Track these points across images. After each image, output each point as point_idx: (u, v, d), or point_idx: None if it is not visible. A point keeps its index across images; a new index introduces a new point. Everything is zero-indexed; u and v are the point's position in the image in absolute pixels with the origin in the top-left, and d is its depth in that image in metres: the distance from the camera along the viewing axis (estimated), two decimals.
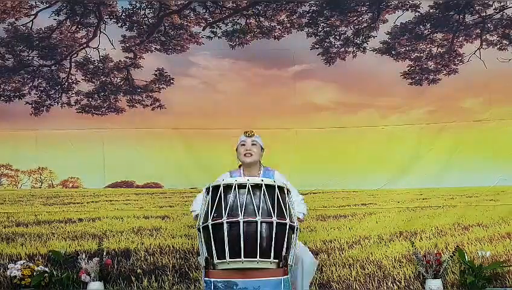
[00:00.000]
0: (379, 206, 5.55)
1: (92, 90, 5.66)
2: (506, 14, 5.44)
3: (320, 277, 5.32)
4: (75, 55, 5.61)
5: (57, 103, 5.66)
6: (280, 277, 3.67)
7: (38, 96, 5.65)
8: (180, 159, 5.60)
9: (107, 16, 5.52)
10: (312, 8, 5.48)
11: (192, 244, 5.41)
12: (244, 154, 4.24)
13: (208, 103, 5.54)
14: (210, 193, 3.85)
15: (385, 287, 5.30)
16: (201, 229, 3.85)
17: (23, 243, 5.47)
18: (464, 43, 5.52)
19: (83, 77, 5.64)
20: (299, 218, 3.92)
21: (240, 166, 4.39)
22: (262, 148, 4.40)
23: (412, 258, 5.30)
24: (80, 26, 5.55)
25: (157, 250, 5.46)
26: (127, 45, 5.59)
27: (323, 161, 5.61)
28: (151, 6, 5.51)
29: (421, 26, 5.51)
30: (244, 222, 3.65)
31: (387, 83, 5.60)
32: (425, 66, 5.58)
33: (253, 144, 4.29)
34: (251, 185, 3.75)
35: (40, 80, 5.64)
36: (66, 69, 5.64)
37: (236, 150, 4.38)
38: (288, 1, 5.46)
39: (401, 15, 5.48)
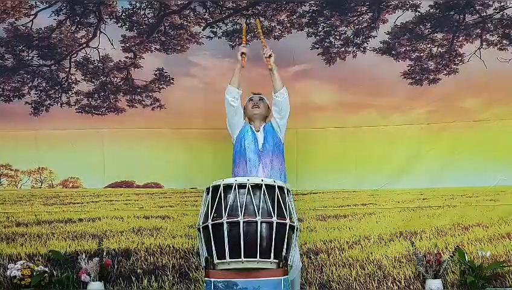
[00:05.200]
0: (379, 206, 5.56)
1: (92, 90, 5.66)
2: (506, 14, 5.43)
3: (320, 277, 5.33)
4: (75, 55, 5.61)
5: (57, 103, 5.66)
6: (280, 277, 3.68)
7: (38, 96, 5.65)
8: (180, 159, 5.60)
9: (107, 16, 5.52)
10: (312, 8, 5.48)
11: (192, 245, 5.41)
12: (252, 107, 4.57)
13: (208, 103, 5.53)
14: (210, 193, 3.86)
15: (385, 287, 5.30)
16: (201, 229, 3.86)
17: (23, 243, 5.47)
18: (464, 43, 5.52)
19: (83, 77, 5.64)
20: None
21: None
22: (268, 107, 4.66)
23: (412, 258, 5.31)
24: (80, 26, 5.55)
25: (157, 250, 5.46)
26: (127, 45, 5.58)
27: (323, 160, 5.61)
28: (151, 6, 5.50)
29: (421, 26, 5.51)
30: (244, 222, 3.66)
31: (387, 83, 5.61)
32: (425, 66, 5.58)
33: (260, 99, 4.61)
34: (251, 185, 3.76)
35: (39, 80, 5.64)
36: (66, 69, 5.64)
37: (245, 108, 4.61)
38: (288, 1, 5.45)
39: (401, 15, 5.48)
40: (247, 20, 5.46)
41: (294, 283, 4.32)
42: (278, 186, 3.83)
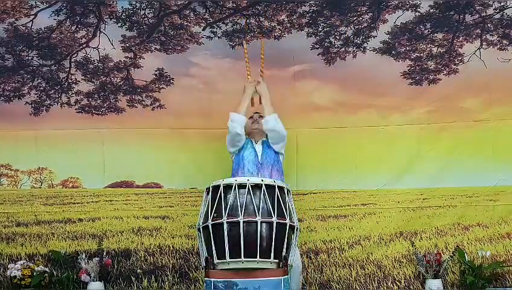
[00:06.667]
0: (379, 206, 5.56)
1: (92, 90, 5.66)
2: (506, 14, 5.43)
3: (320, 277, 5.33)
4: (75, 55, 5.61)
5: (57, 103, 5.66)
6: (280, 277, 3.68)
7: (38, 96, 5.65)
8: (180, 159, 5.60)
9: (107, 16, 5.51)
10: (312, 8, 5.47)
11: (192, 245, 5.41)
12: (252, 123, 4.66)
13: (208, 102, 5.53)
14: (210, 193, 3.87)
15: (385, 287, 5.30)
16: (201, 229, 3.86)
17: (23, 243, 5.47)
18: (464, 43, 5.52)
19: (83, 77, 5.64)
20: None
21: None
22: None
23: (412, 258, 5.31)
24: (80, 26, 5.54)
25: (157, 250, 5.46)
26: (127, 45, 5.58)
27: (323, 160, 5.61)
28: (151, 6, 5.50)
29: (421, 26, 5.51)
30: (244, 222, 3.67)
31: (387, 83, 5.60)
32: (425, 66, 5.57)
33: (259, 117, 4.70)
34: (251, 185, 3.76)
35: (39, 80, 5.64)
36: (66, 69, 5.63)
37: (245, 126, 4.65)
38: (288, 1, 5.45)
39: (401, 15, 5.47)
40: (248, 20, 5.47)
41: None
42: (278, 186, 3.84)
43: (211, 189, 3.88)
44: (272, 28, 5.51)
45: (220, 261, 3.70)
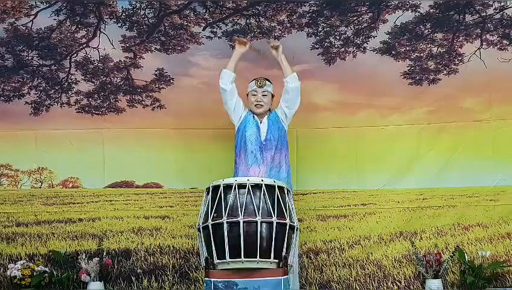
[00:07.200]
0: (379, 206, 5.56)
1: (92, 90, 5.66)
2: (506, 14, 5.43)
3: (320, 277, 5.33)
4: (75, 55, 5.61)
5: (57, 103, 5.66)
6: (280, 277, 3.69)
7: (37, 96, 5.65)
8: (180, 159, 5.60)
9: (107, 16, 5.51)
10: (312, 8, 5.47)
11: (192, 245, 5.41)
12: (255, 105, 4.52)
13: (208, 103, 5.53)
14: (210, 192, 3.87)
15: (385, 287, 5.30)
16: (201, 229, 3.87)
17: (23, 243, 5.47)
18: (464, 43, 5.52)
19: (83, 77, 5.64)
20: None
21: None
22: (272, 95, 4.63)
23: (412, 258, 5.31)
24: (80, 26, 5.54)
25: (157, 250, 5.46)
26: (127, 45, 5.58)
27: (323, 160, 5.61)
28: (151, 6, 5.50)
29: (421, 26, 5.51)
30: (244, 222, 3.67)
31: (387, 83, 5.60)
32: (425, 66, 5.57)
33: (264, 95, 4.55)
34: (251, 185, 3.76)
35: (39, 80, 5.64)
36: (66, 69, 5.63)
37: (247, 95, 4.57)
38: (288, 1, 5.45)
39: (401, 15, 5.47)
40: (248, 20, 5.48)
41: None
42: (278, 186, 3.84)
43: (210, 189, 3.88)
44: (272, 28, 5.51)
45: (220, 261, 3.70)
